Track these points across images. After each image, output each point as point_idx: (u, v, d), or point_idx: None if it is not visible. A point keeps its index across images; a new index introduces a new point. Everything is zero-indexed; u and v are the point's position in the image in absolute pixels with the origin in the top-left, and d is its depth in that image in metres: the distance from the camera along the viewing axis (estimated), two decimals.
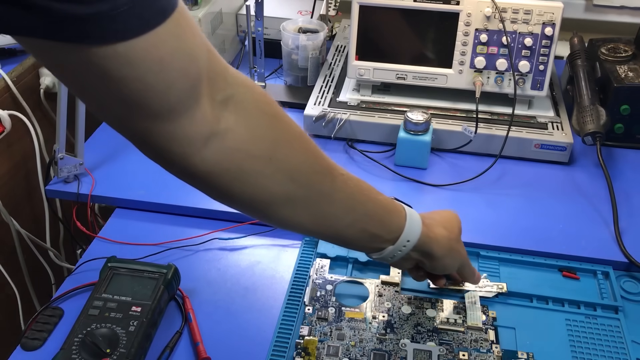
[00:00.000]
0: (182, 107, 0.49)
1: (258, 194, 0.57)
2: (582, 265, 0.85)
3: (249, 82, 0.56)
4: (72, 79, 0.47)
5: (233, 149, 0.53)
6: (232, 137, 0.53)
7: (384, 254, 0.66)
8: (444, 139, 1.05)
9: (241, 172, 0.55)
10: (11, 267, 1.06)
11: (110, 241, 0.89)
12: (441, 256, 0.68)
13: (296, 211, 0.60)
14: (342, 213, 0.62)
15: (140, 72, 0.45)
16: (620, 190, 0.97)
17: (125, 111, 0.48)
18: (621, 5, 1.35)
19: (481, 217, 0.93)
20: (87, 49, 0.42)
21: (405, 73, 1.08)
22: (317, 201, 0.60)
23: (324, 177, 0.60)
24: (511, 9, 1.01)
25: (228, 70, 0.54)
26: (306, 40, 1.19)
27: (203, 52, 0.50)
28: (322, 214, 0.61)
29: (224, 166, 0.54)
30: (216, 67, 0.52)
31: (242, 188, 0.56)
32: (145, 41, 0.43)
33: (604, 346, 0.74)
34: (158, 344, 0.73)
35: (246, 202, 0.58)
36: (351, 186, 0.62)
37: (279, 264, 0.86)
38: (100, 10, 0.40)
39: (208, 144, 0.52)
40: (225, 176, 0.55)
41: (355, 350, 0.72)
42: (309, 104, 1.10)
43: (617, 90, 1.05)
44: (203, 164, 0.53)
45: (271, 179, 0.56)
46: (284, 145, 0.57)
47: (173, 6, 0.45)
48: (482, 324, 0.76)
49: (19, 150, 1.09)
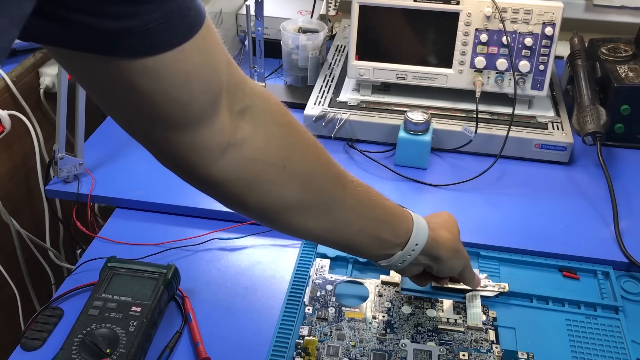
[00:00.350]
0: (203, 118, 0.50)
1: (272, 201, 0.58)
2: (582, 265, 0.85)
3: (266, 93, 0.57)
4: (100, 90, 0.48)
5: (249, 158, 0.55)
6: (248, 146, 0.54)
7: (393, 260, 0.66)
8: (444, 139, 1.05)
9: (256, 180, 0.56)
10: (11, 267, 1.06)
11: (110, 241, 0.89)
12: (448, 258, 0.69)
13: (309, 218, 0.61)
14: (353, 219, 0.63)
15: (167, 86, 0.46)
16: (620, 190, 0.97)
17: (148, 122, 0.49)
18: (621, 5, 1.35)
19: (481, 217, 0.93)
20: (117, 62, 0.43)
21: (405, 73, 1.08)
22: (329, 208, 0.61)
23: (336, 184, 0.61)
24: (511, 9, 1.01)
25: (246, 81, 0.55)
26: (306, 40, 1.19)
27: (225, 65, 0.51)
28: (334, 221, 0.62)
29: (240, 175, 0.55)
30: (236, 79, 0.53)
31: (256, 196, 0.57)
32: (173, 56, 0.45)
33: (604, 346, 0.74)
34: (158, 344, 0.73)
35: (260, 210, 0.59)
36: (361, 192, 0.63)
37: (279, 264, 0.86)
38: (131, 26, 0.42)
39: (226, 154, 0.53)
40: (240, 184, 0.56)
41: (355, 350, 0.72)
42: (309, 104, 1.10)
43: (617, 90, 1.05)
44: (220, 173, 0.54)
45: (285, 187, 0.57)
46: (298, 154, 0.58)
47: (201, 22, 0.46)
48: (482, 324, 0.76)
49: (19, 150, 1.09)
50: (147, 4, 0.42)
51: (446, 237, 0.69)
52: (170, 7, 0.43)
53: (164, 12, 0.42)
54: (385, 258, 0.67)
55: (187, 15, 0.44)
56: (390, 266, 0.68)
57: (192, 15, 0.45)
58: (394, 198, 0.69)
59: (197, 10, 0.46)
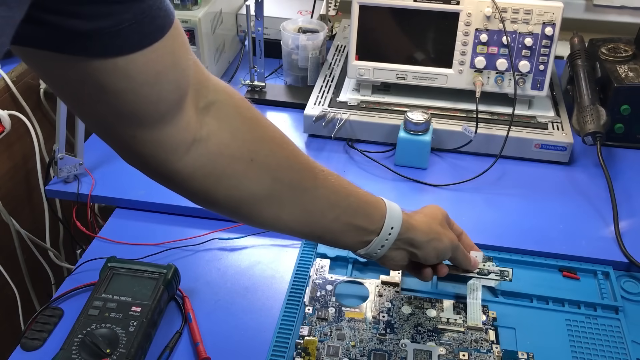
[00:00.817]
0: (170, 116, 0.51)
1: (242, 195, 0.59)
2: (582, 265, 0.85)
3: (229, 89, 0.58)
4: (69, 90, 0.49)
5: (215, 153, 0.55)
6: (214, 141, 0.55)
7: (371, 247, 0.67)
8: (444, 139, 1.05)
9: (224, 174, 0.57)
10: (11, 267, 1.06)
11: (110, 241, 0.89)
12: (426, 240, 0.69)
13: (281, 210, 0.61)
14: (326, 208, 0.63)
15: (137, 85, 0.47)
16: (620, 190, 0.97)
17: (116, 120, 0.50)
18: (621, 5, 1.35)
19: (481, 217, 0.93)
20: (88, 62, 0.44)
21: (405, 73, 1.08)
22: (300, 198, 0.62)
23: (306, 174, 0.62)
24: (511, 9, 1.01)
25: (210, 78, 0.56)
26: (306, 40, 1.19)
27: (191, 64, 0.52)
28: (307, 211, 0.63)
29: (207, 170, 0.56)
30: (200, 76, 0.54)
31: (226, 191, 0.58)
32: (144, 56, 0.46)
33: (604, 346, 0.74)
34: (158, 344, 0.73)
35: (231, 205, 0.59)
36: (332, 181, 0.64)
37: (279, 264, 0.86)
38: (104, 26, 0.42)
39: (191, 150, 0.54)
40: (208, 180, 0.56)
41: (355, 350, 0.72)
42: (309, 104, 1.10)
43: (618, 90, 1.05)
44: (187, 169, 0.55)
45: (254, 180, 0.58)
46: (264, 147, 0.59)
47: (170, 23, 0.47)
48: (482, 324, 0.76)
49: (19, 150, 1.09)
50: (119, 4, 0.42)
51: (421, 220, 0.70)
52: (141, 8, 0.44)
53: (135, 12, 0.43)
54: (363, 246, 0.67)
55: (157, 16, 0.45)
56: (369, 254, 0.68)
57: (162, 16, 0.46)
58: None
59: (167, 11, 0.47)
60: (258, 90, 1.22)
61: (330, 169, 1.01)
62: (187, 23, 1.13)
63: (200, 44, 1.15)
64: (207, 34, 1.17)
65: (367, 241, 0.67)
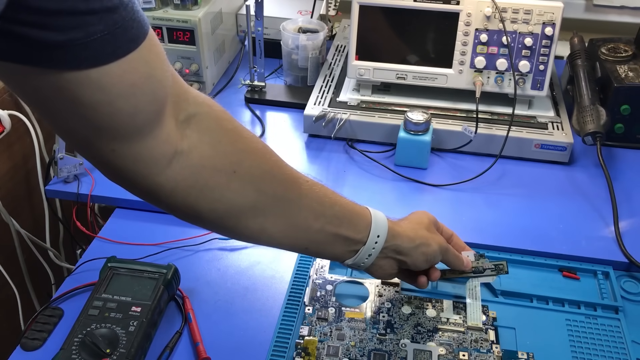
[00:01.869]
0: (149, 129, 0.51)
1: (225, 208, 0.58)
2: (582, 265, 0.85)
3: (210, 101, 0.58)
4: (42, 103, 0.48)
5: (197, 166, 0.55)
6: (195, 154, 0.55)
7: (358, 257, 0.67)
8: (444, 139, 1.05)
9: (206, 187, 0.56)
10: (11, 267, 1.06)
11: (110, 241, 0.89)
12: (413, 247, 0.69)
13: (266, 222, 0.61)
14: (311, 219, 0.63)
15: (112, 97, 0.46)
16: (620, 190, 0.97)
17: (92, 134, 0.49)
18: (621, 5, 1.35)
19: (481, 217, 0.93)
20: (60, 74, 0.44)
21: (405, 73, 1.08)
22: (285, 209, 0.61)
23: (290, 185, 0.61)
24: (511, 9, 1.01)
25: (189, 91, 0.56)
26: (306, 40, 1.19)
27: (168, 75, 0.52)
28: (293, 222, 0.62)
29: (189, 183, 0.55)
30: (179, 89, 0.54)
31: (209, 204, 0.57)
32: (118, 67, 0.45)
33: (604, 346, 0.74)
34: (158, 344, 0.73)
35: (215, 218, 0.59)
36: (317, 191, 0.63)
37: (279, 264, 0.86)
38: (75, 37, 0.42)
39: (173, 163, 0.54)
40: (191, 193, 0.56)
41: (355, 350, 0.72)
42: (309, 104, 1.10)
43: (618, 90, 1.05)
44: (169, 183, 0.54)
45: (237, 192, 0.58)
46: (247, 158, 0.58)
47: (145, 34, 0.47)
48: (482, 324, 0.76)
49: (19, 150, 1.09)
50: (90, 15, 0.42)
51: (407, 226, 0.70)
52: (114, 19, 0.43)
53: (108, 23, 0.43)
54: (350, 256, 0.67)
55: (130, 27, 0.45)
56: (356, 264, 0.68)
57: (135, 27, 0.45)
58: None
59: (140, 22, 0.46)
60: (258, 90, 1.22)
61: (330, 169, 1.01)
62: (187, 23, 1.13)
63: (200, 44, 1.15)
64: (207, 34, 1.17)
65: (353, 250, 0.66)
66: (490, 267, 0.77)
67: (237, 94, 1.23)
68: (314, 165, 1.04)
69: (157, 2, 1.14)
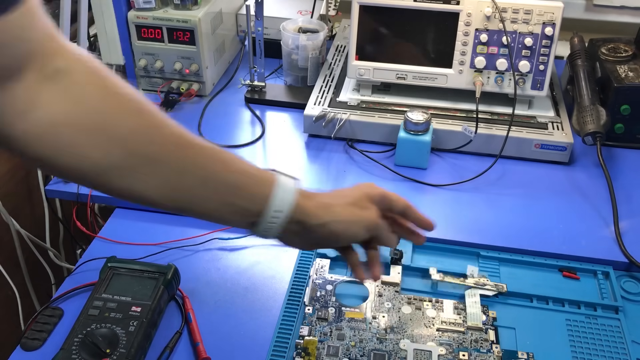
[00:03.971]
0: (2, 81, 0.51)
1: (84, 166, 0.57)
2: (582, 265, 0.85)
3: (86, 58, 0.56)
4: None
5: (53, 122, 0.54)
6: (53, 108, 0.54)
7: (261, 228, 0.63)
8: (444, 139, 1.05)
9: (63, 143, 0.55)
10: (11, 267, 1.06)
11: (110, 241, 0.89)
12: (319, 224, 0.64)
13: (135, 182, 0.59)
14: (197, 185, 0.60)
15: None
16: (620, 190, 0.97)
17: None
18: (621, 5, 1.35)
19: (481, 217, 0.93)
20: None
21: (405, 73, 1.08)
22: (160, 171, 0.59)
23: (169, 146, 0.59)
24: (511, 9, 1.01)
25: (65, 47, 0.55)
26: (306, 40, 1.19)
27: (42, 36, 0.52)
28: (172, 185, 0.60)
29: (45, 138, 0.54)
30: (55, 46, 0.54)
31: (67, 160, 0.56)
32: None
33: (604, 346, 0.74)
34: (158, 344, 0.73)
35: (75, 174, 0.58)
36: (206, 157, 0.60)
37: (279, 264, 0.86)
38: None
39: (28, 116, 0.53)
40: (46, 148, 0.55)
41: (355, 350, 0.72)
42: (309, 104, 1.10)
43: (618, 90, 1.05)
44: (24, 136, 0.54)
45: (100, 151, 0.56)
46: (117, 117, 0.57)
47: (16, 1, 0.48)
48: (482, 324, 0.76)
49: None
50: None
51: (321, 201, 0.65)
52: None
53: None
54: (248, 227, 0.63)
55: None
56: (264, 235, 0.64)
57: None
58: None
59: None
60: (258, 90, 1.22)
61: (330, 169, 1.00)
62: (187, 23, 1.13)
63: (200, 44, 1.15)
64: (207, 34, 1.17)
65: (250, 222, 0.63)
66: (491, 285, 0.79)
67: (237, 94, 1.23)
68: (314, 165, 1.04)
69: (157, 2, 1.14)
